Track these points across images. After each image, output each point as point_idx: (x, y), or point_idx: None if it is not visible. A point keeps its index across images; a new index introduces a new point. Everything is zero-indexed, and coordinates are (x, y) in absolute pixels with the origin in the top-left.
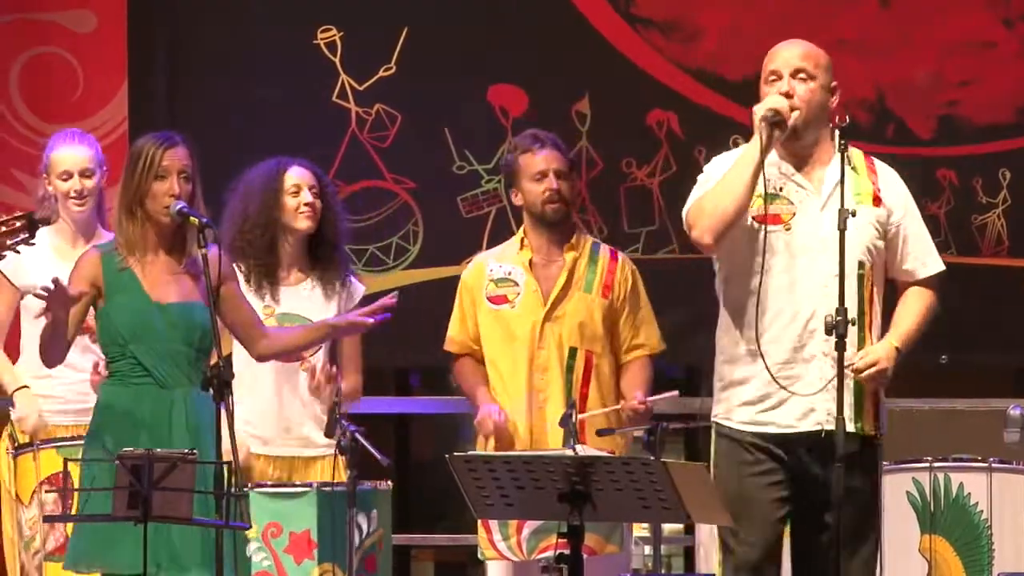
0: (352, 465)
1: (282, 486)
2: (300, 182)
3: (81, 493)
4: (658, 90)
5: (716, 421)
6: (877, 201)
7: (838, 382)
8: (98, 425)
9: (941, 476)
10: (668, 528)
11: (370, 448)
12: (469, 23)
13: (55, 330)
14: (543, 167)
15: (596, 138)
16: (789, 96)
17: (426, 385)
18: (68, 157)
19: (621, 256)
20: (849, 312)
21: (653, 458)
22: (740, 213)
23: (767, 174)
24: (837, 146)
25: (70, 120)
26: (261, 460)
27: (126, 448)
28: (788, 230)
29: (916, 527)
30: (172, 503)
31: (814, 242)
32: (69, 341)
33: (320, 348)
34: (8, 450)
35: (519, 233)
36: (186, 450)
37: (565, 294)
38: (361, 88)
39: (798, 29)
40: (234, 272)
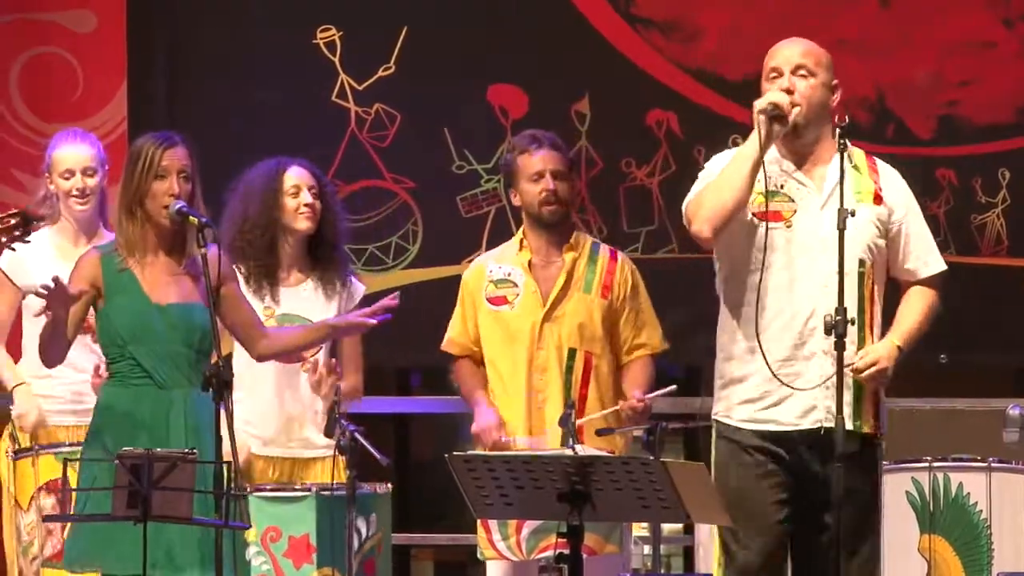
0: (352, 465)
1: (281, 490)
2: (300, 183)
3: (80, 493)
4: (658, 90)
5: (716, 419)
6: (878, 199)
7: (837, 381)
8: (98, 426)
9: (940, 476)
10: (667, 528)
11: (370, 448)
12: (469, 23)
13: (55, 329)
14: (540, 168)
15: (596, 138)
16: (790, 92)
17: (426, 385)
18: (70, 156)
19: (621, 256)
20: (849, 311)
21: (652, 458)
22: (739, 207)
23: (768, 171)
24: (837, 146)
25: (70, 120)
26: (261, 461)
27: (126, 448)
28: (789, 227)
29: (915, 527)
30: (172, 503)
31: (814, 240)
32: (69, 341)
33: (321, 348)
34: (8, 452)
35: (518, 234)
36: (186, 450)
37: (564, 295)
38: (360, 88)
39: (798, 29)
40: (234, 273)
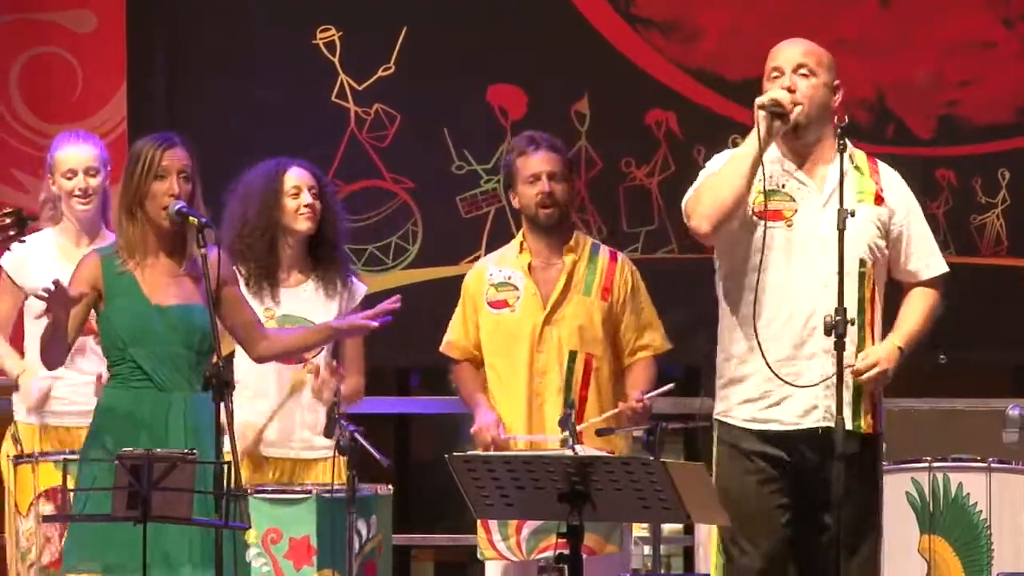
0: (352, 465)
1: (282, 491)
2: (300, 183)
3: (79, 493)
4: (657, 90)
5: (717, 419)
6: (879, 200)
7: (837, 381)
8: (98, 426)
9: (940, 476)
10: (667, 528)
11: (370, 448)
12: (468, 23)
13: (55, 331)
14: (536, 170)
15: (595, 138)
16: (791, 91)
17: (426, 385)
18: (73, 156)
19: (621, 257)
20: (849, 311)
21: (652, 458)
22: (738, 203)
23: (769, 170)
24: (837, 146)
25: (69, 120)
26: (263, 461)
27: (125, 449)
28: (790, 227)
29: (915, 527)
30: (172, 503)
31: (815, 240)
32: (69, 343)
33: (323, 349)
34: (9, 455)
35: (518, 236)
36: (186, 450)
37: (564, 297)
38: (360, 88)
39: (798, 29)
40: (235, 274)
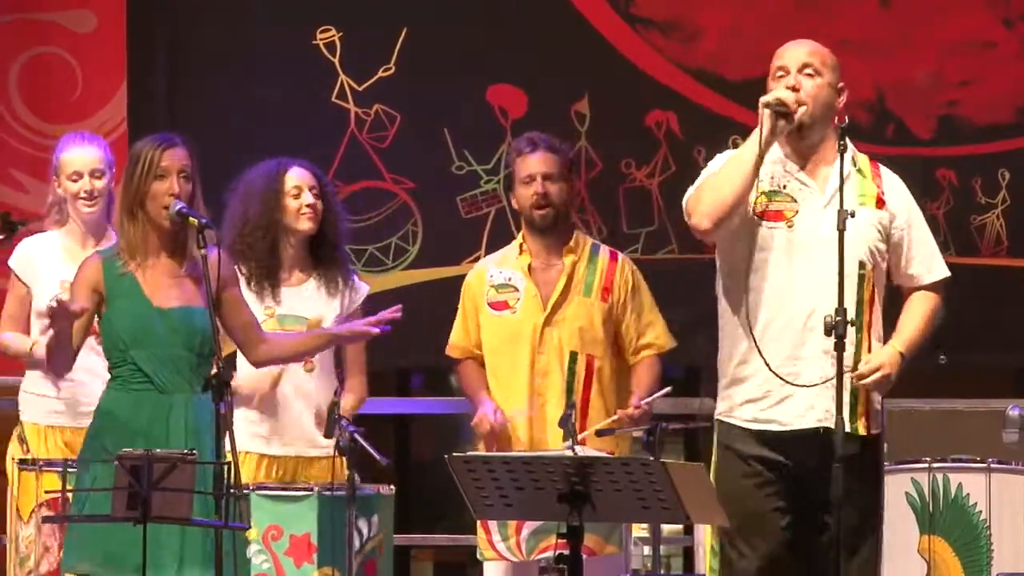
0: (352, 465)
1: (283, 489)
2: (301, 183)
3: (79, 494)
4: (657, 90)
5: (718, 419)
6: (880, 203)
7: (837, 382)
8: (97, 428)
9: (940, 476)
10: (667, 528)
11: (369, 449)
12: (468, 23)
13: (59, 341)
14: (531, 171)
15: (595, 138)
16: (796, 90)
17: (427, 386)
18: (78, 158)
19: (621, 257)
20: (848, 313)
21: (652, 458)
22: (739, 202)
23: (771, 171)
24: (837, 146)
25: (69, 120)
26: (264, 460)
27: (125, 449)
28: (790, 227)
29: (915, 527)
30: (171, 504)
31: (816, 240)
32: (75, 350)
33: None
34: (14, 457)
35: (518, 237)
36: (186, 450)
37: (564, 298)
38: (360, 88)
39: (798, 29)
40: (235, 276)
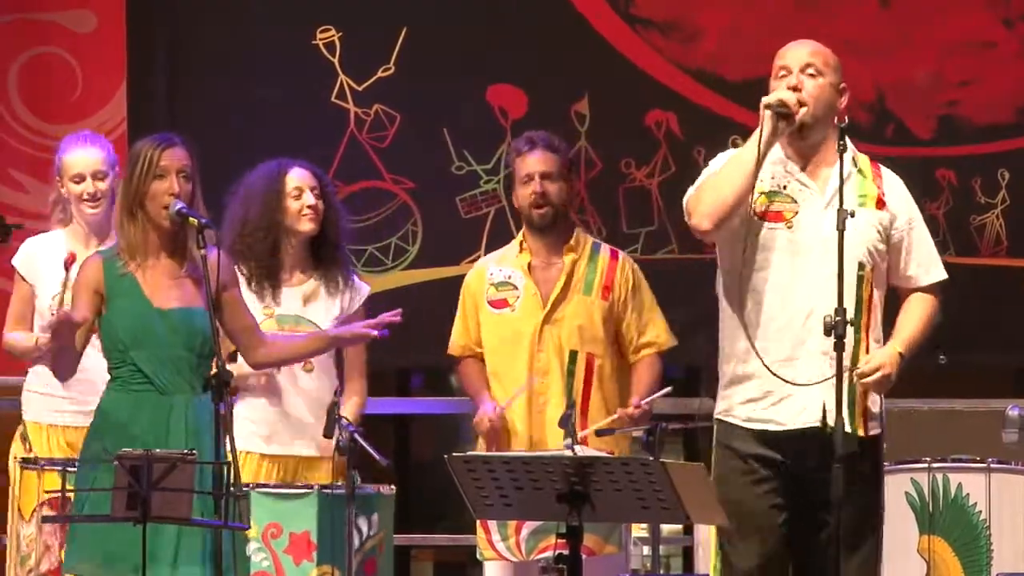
0: (351, 465)
1: (283, 487)
2: (302, 184)
3: (79, 494)
4: (657, 90)
5: (718, 418)
6: (881, 204)
7: (837, 382)
8: (97, 428)
9: (940, 476)
10: (667, 528)
11: (369, 448)
12: (468, 23)
13: (64, 348)
14: (530, 170)
15: (595, 138)
16: (797, 90)
17: (427, 386)
18: (80, 160)
19: (622, 255)
20: (847, 312)
21: (652, 458)
22: (740, 201)
23: (772, 171)
24: (837, 146)
25: (69, 120)
26: (265, 460)
27: (125, 449)
28: (790, 228)
29: (915, 527)
30: (171, 504)
31: (815, 241)
32: (79, 353)
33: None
34: (16, 456)
35: (519, 236)
36: (185, 450)
37: (564, 297)
38: (360, 88)
39: (798, 29)
40: (235, 277)
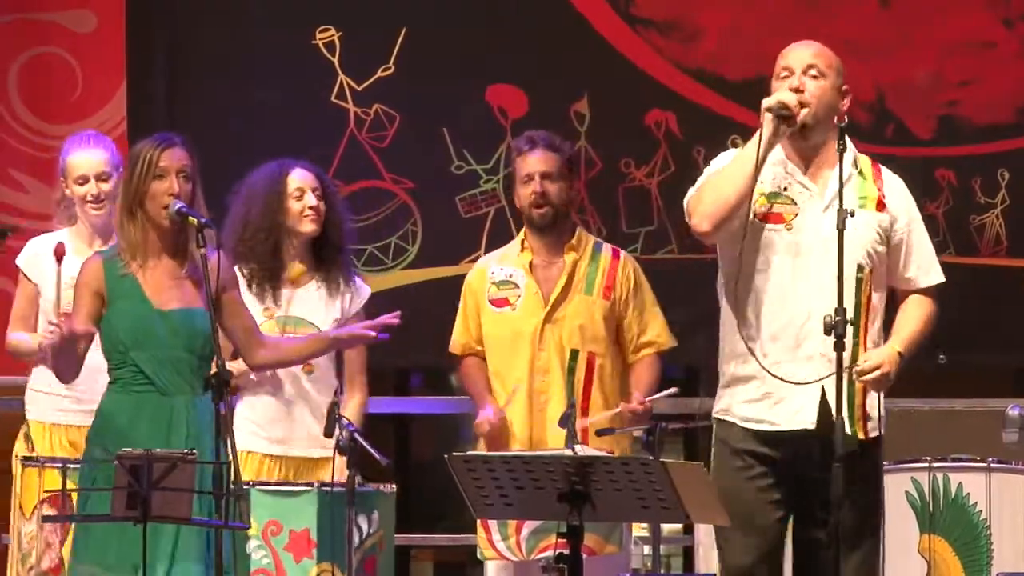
0: (351, 465)
1: (283, 484)
2: (303, 185)
3: (81, 494)
4: (657, 90)
5: (716, 417)
6: (881, 206)
7: (837, 381)
8: (98, 430)
9: (940, 476)
10: (667, 528)
11: (369, 448)
12: (468, 23)
13: (69, 357)
14: (530, 170)
15: (595, 138)
16: (799, 91)
17: (427, 385)
18: (84, 162)
19: (623, 255)
20: (847, 312)
21: (652, 458)
22: (740, 203)
23: (773, 173)
24: (837, 146)
25: (69, 120)
26: (267, 460)
27: (125, 449)
28: (790, 229)
29: (915, 527)
30: (171, 503)
31: (815, 243)
32: (82, 355)
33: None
34: (19, 455)
35: (520, 235)
36: (185, 451)
37: (565, 296)
38: (360, 88)
39: (798, 29)
40: (235, 279)
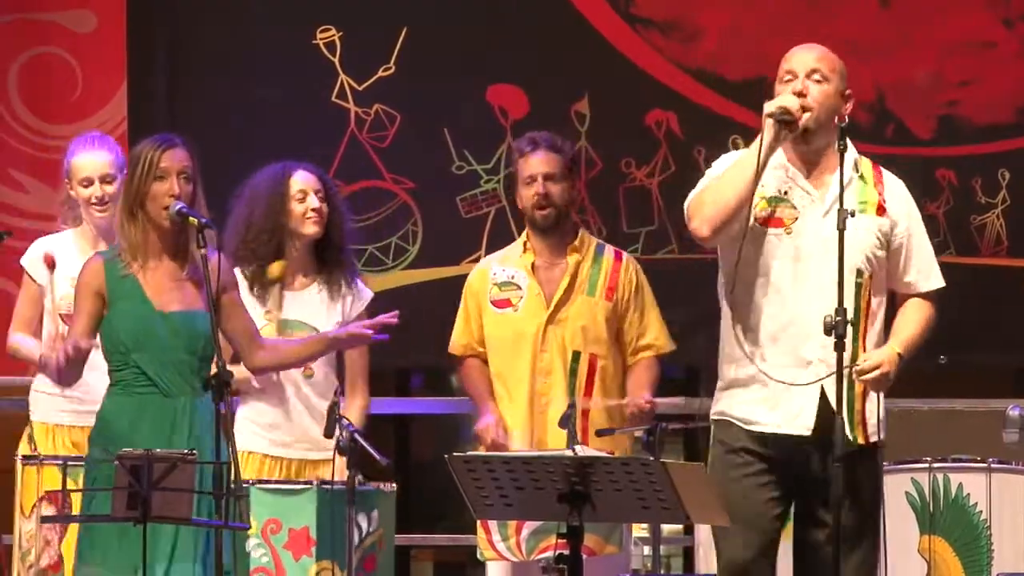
0: (352, 465)
1: (282, 482)
2: (306, 187)
3: (85, 495)
4: (657, 90)
5: (715, 419)
6: (881, 211)
7: (836, 382)
8: (99, 432)
9: (940, 476)
10: (667, 528)
11: (369, 448)
12: (468, 23)
13: (68, 366)
14: (533, 171)
15: (595, 138)
16: (802, 95)
17: (427, 386)
18: (88, 164)
19: (625, 257)
20: (847, 313)
21: (652, 458)
22: (740, 208)
23: (774, 177)
24: (837, 146)
25: (69, 120)
26: (268, 460)
27: (125, 449)
28: (789, 233)
29: (915, 527)
30: (171, 504)
31: (814, 247)
32: (83, 362)
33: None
34: (17, 456)
35: (522, 236)
36: (186, 451)
37: (568, 297)
38: (360, 88)
39: (798, 29)
40: (235, 281)
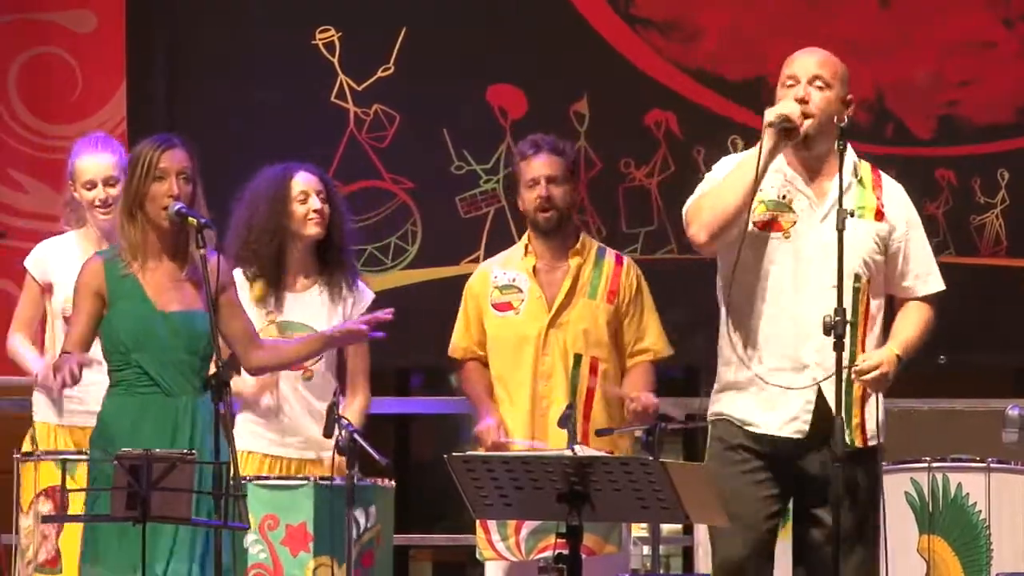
0: (351, 464)
1: (280, 478)
2: (308, 188)
3: (88, 495)
4: (657, 90)
5: (711, 420)
6: (880, 216)
7: (836, 382)
8: (100, 432)
9: (940, 476)
10: (667, 528)
11: (368, 448)
12: (468, 23)
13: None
14: (535, 174)
15: (595, 138)
16: (804, 101)
17: (426, 386)
18: (92, 166)
19: (626, 260)
20: (846, 314)
21: (651, 458)
22: (738, 214)
23: (773, 181)
24: (836, 146)
25: (69, 120)
26: (267, 460)
27: (125, 449)
28: (788, 238)
29: (915, 527)
30: (171, 504)
31: (813, 251)
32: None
33: (321, 357)
34: (15, 455)
35: (523, 239)
36: (185, 451)
37: (569, 300)
38: (359, 88)
39: (798, 29)
40: (233, 281)
